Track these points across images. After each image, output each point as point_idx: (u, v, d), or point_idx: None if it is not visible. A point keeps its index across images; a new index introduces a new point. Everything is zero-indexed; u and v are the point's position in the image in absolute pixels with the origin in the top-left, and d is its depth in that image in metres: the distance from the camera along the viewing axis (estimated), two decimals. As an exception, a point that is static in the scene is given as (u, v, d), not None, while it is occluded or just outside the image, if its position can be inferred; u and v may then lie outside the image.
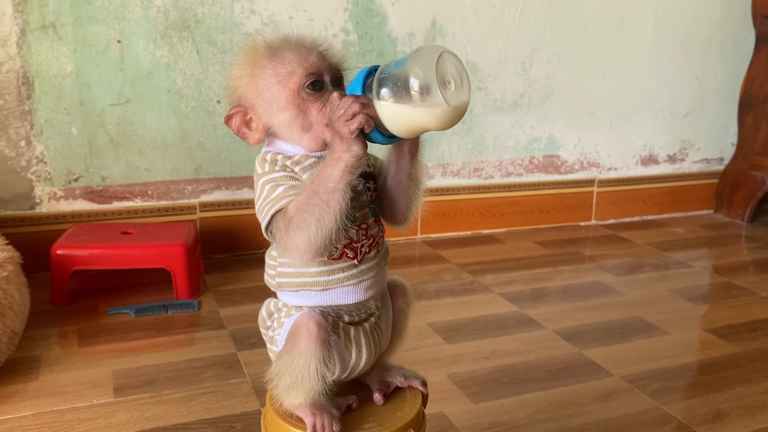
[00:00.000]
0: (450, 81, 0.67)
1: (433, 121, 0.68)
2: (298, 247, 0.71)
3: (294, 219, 0.71)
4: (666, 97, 2.52)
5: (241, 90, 0.79)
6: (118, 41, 1.80)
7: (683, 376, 1.42)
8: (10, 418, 1.19)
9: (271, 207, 0.74)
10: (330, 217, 0.70)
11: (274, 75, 0.76)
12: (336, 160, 0.70)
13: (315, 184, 0.71)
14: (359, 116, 0.68)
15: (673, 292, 1.88)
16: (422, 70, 0.66)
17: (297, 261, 0.76)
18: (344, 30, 2.01)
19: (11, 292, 1.40)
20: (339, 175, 0.70)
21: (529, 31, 2.24)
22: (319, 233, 0.70)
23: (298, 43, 0.78)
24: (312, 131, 0.77)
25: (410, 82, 0.66)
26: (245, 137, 0.80)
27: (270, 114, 0.77)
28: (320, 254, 0.73)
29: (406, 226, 0.83)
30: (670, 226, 2.53)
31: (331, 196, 0.70)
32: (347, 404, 0.82)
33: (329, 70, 0.78)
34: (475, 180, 2.31)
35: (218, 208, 2.00)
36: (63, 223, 1.83)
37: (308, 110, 0.76)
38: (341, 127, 0.68)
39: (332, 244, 0.73)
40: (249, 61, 0.78)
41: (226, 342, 1.50)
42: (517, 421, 1.23)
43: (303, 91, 0.76)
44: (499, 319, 1.66)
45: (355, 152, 0.69)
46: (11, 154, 1.77)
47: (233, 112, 0.79)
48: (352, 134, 0.68)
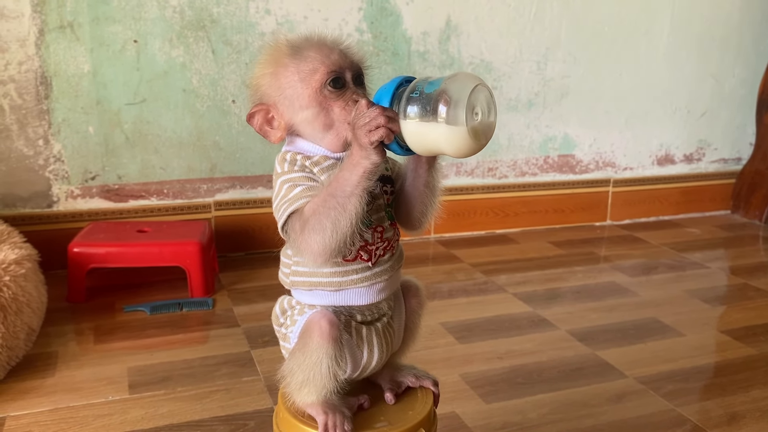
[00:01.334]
0: (478, 113, 0.68)
1: (451, 147, 0.69)
2: (312, 249, 0.72)
3: (310, 221, 0.71)
4: (683, 97, 2.50)
5: (264, 88, 0.79)
6: (134, 41, 1.81)
7: (698, 377, 1.41)
8: (27, 413, 1.21)
9: (288, 207, 0.74)
10: (346, 221, 0.70)
11: (296, 73, 0.77)
12: (354, 165, 0.70)
13: (332, 188, 0.71)
14: (382, 129, 0.68)
15: (688, 293, 1.86)
16: (454, 97, 0.67)
17: (310, 263, 0.76)
18: (359, 29, 2.01)
19: (29, 289, 1.42)
20: (356, 180, 0.70)
21: (544, 30, 2.23)
22: (334, 237, 0.70)
23: (320, 42, 0.78)
24: (334, 129, 0.77)
25: (439, 107, 0.67)
26: (267, 135, 0.80)
27: (292, 112, 0.77)
28: (334, 257, 0.73)
29: (420, 231, 0.84)
30: (686, 227, 2.51)
31: (348, 200, 0.70)
32: (359, 404, 0.82)
33: (351, 67, 0.78)
34: (489, 179, 2.30)
35: (233, 207, 2.01)
36: (80, 222, 1.85)
37: (330, 108, 0.76)
38: (363, 136, 0.69)
39: (346, 248, 0.73)
40: (271, 59, 0.79)
41: (240, 340, 1.51)
42: (530, 421, 1.23)
43: (325, 89, 0.76)
44: (512, 319, 1.66)
45: (374, 160, 0.70)
46: (29, 153, 1.80)
47: (255, 111, 0.79)
48: (372, 145, 0.69)
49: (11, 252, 1.42)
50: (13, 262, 1.39)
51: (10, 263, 1.38)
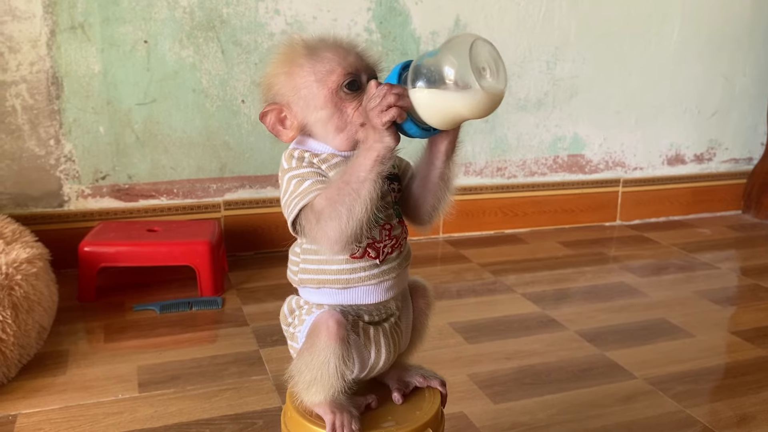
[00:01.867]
0: (485, 68, 0.67)
1: (468, 108, 0.68)
2: (329, 236, 0.72)
3: (325, 209, 0.71)
4: (693, 96, 2.49)
5: (277, 87, 0.79)
6: (144, 41, 1.82)
7: (708, 379, 1.40)
8: (39, 411, 1.22)
9: (298, 201, 0.74)
10: (361, 206, 0.70)
11: (312, 73, 0.77)
12: (368, 149, 0.70)
13: (346, 174, 0.71)
14: (393, 109, 0.68)
15: (698, 294, 1.85)
16: (456, 57, 0.66)
17: (327, 252, 0.75)
18: (367, 29, 2.02)
19: (40, 288, 1.43)
20: (370, 165, 0.70)
21: (553, 29, 2.23)
22: (350, 222, 0.70)
23: (336, 43, 0.78)
24: (346, 131, 0.77)
25: (444, 69, 0.67)
26: (279, 135, 0.80)
27: (306, 112, 0.77)
28: (350, 245, 0.73)
29: (429, 227, 0.83)
30: (696, 227, 2.49)
31: (362, 185, 0.70)
32: (366, 403, 0.82)
33: (366, 70, 0.78)
34: (498, 179, 2.30)
35: (242, 207, 2.02)
36: (90, 221, 1.87)
37: (345, 109, 0.76)
38: (374, 117, 0.69)
39: (363, 235, 0.73)
40: (286, 59, 0.79)
41: (249, 339, 1.51)
42: (538, 422, 1.23)
43: (341, 91, 0.76)
44: (521, 320, 1.65)
45: (388, 143, 0.69)
46: (41, 153, 1.81)
47: (268, 110, 0.79)
48: (384, 125, 0.69)
49: (23, 251, 1.43)
50: (25, 261, 1.40)
51: (22, 262, 1.39)
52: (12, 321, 1.28)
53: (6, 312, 1.27)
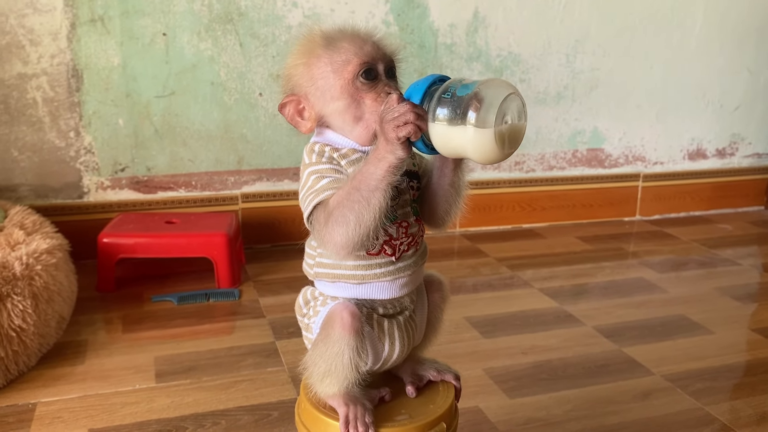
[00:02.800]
0: (507, 121, 0.68)
1: (477, 153, 0.68)
2: (335, 241, 0.72)
3: (333, 213, 0.72)
4: (716, 90, 2.45)
5: (296, 79, 0.79)
6: (163, 34, 1.83)
7: (727, 376, 1.38)
8: (58, 399, 1.23)
9: (313, 198, 0.74)
10: (369, 215, 0.70)
11: (329, 64, 0.76)
12: (379, 159, 0.70)
13: (357, 181, 0.71)
14: (410, 126, 0.68)
15: (719, 291, 1.83)
16: (486, 102, 0.66)
17: (332, 255, 0.77)
18: (385, 22, 2.01)
19: (60, 278, 1.45)
20: (381, 174, 0.70)
21: (573, 21, 2.20)
22: (357, 230, 0.70)
23: (353, 33, 0.78)
24: (364, 121, 0.77)
25: (469, 112, 0.67)
26: (297, 126, 0.80)
27: (323, 103, 0.77)
28: (357, 250, 0.74)
29: (443, 229, 0.84)
30: (717, 223, 2.46)
31: (372, 194, 0.70)
32: (380, 396, 0.82)
33: (383, 59, 0.77)
34: (516, 173, 2.29)
35: (260, 199, 2.02)
36: (109, 212, 1.88)
37: (362, 100, 0.76)
38: (390, 130, 0.69)
39: (369, 242, 0.73)
40: (305, 50, 0.79)
41: (265, 331, 1.52)
42: (554, 417, 1.22)
43: (357, 80, 0.76)
44: (537, 315, 1.64)
45: (399, 155, 0.69)
46: (61, 145, 1.83)
47: (287, 101, 0.79)
48: (399, 140, 0.68)
49: (43, 242, 1.45)
50: (45, 251, 1.42)
51: (42, 253, 1.40)
52: (32, 310, 1.30)
53: (26, 302, 1.29)
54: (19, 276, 1.30)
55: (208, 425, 1.17)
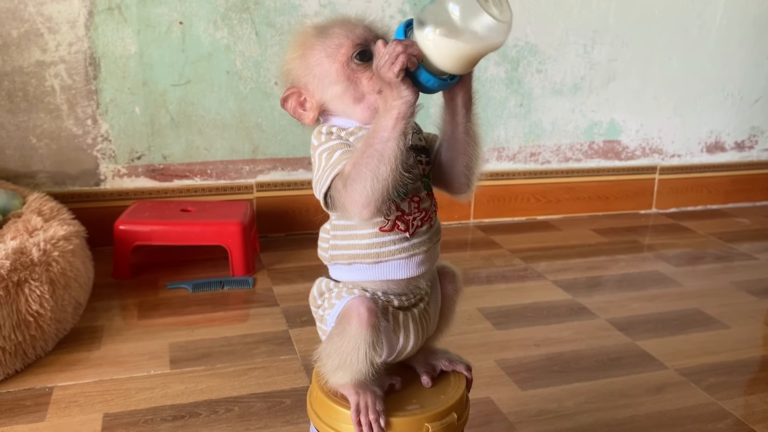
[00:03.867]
0: (484, 3, 0.66)
1: (480, 41, 0.66)
2: (355, 201, 0.71)
3: (351, 174, 0.71)
4: (735, 82, 2.41)
5: (294, 71, 0.80)
6: (180, 23, 1.84)
7: (742, 371, 1.37)
8: (74, 384, 1.25)
9: (330, 172, 0.74)
10: (385, 166, 0.69)
11: (323, 50, 0.78)
12: (387, 109, 0.70)
13: (369, 137, 0.71)
14: (401, 56, 0.67)
15: (735, 285, 1.81)
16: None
17: (357, 218, 0.74)
18: (401, 11, 2.00)
19: (77, 264, 1.46)
20: (392, 123, 0.69)
21: (591, 12, 2.18)
22: (376, 185, 0.70)
23: (343, 19, 0.79)
24: (364, 101, 0.77)
25: (449, 7, 0.66)
26: (300, 118, 0.81)
27: (322, 89, 0.78)
28: (379, 209, 0.72)
29: (469, 193, 0.82)
30: (735, 216, 2.43)
31: (386, 145, 0.69)
32: (390, 383, 0.82)
33: (376, 41, 0.77)
34: (531, 165, 2.27)
35: (274, 188, 2.03)
36: (126, 200, 1.90)
37: (359, 80, 0.77)
38: (386, 72, 0.68)
39: (390, 198, 0.72)
40: (299, 42, 0.80)
41: (279, 319, 1.53)
42: (566, 409, 1.22)
43: (352, 62, 0.76)
44: (551, 307, 1.64)
45: (406, 98, 0.69)
46: (78, 132, 1.84)
47: (288, 94, 0.81)
48: (397, 77, 0.68)
49: (60, 228, 1.46)
50: (62, 238, 1.43)
51: (59, 239, 1.42)
52: (49, 296, 1.32)
53: (44, 287, 1.31)
54: (36, 262, 1.31)
55: (221, 411, 1.18)
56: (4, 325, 1.23)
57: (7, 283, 1.24)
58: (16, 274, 1.26)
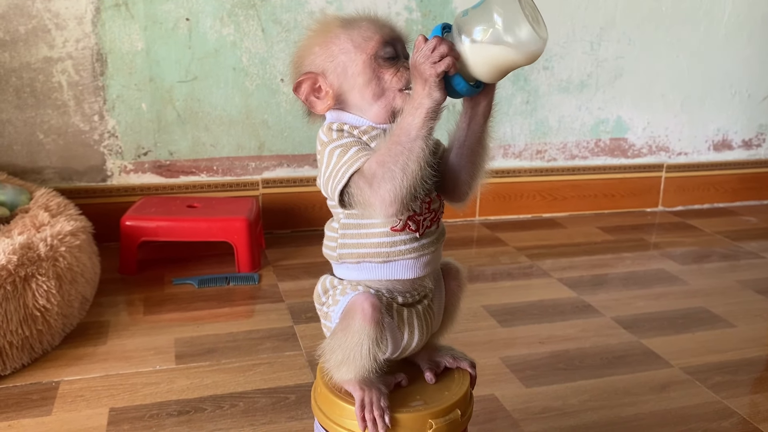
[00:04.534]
0: (528, 14, 0.67)
1: (521, 54, 0.67)
2: (384, 199, 0.71)
3: (377, 172, 0.71)
4: (744, 79, 2.40)
5: (311, 58, 0.79)
6: (186, 19, 1.84)
7: (748, 370, 1.37)
8: (80, 378, 1.26)
9: (347, 169, 0.73)
10: (414, 164, 0.69)
11: (349, 40, 0.77)
12: (416, 107, 0.69)
13: (396, 135, 0.71)
14: (447, 58, 0.67)
15: (741, 284, 1.80)
16: (503, 5, 0.66)
17: (381, 216, 0.73)
18: (407, 8, 2.00)
19: (83, 260, 1.47)
20: (420, 122, 0.69)
21: (598, 9, 2.17)
22: (405, 182, 0.70)
23: (371, 16, 0.79)
24: (384, 98, 0.77)
25: (493, 17, 0.66)
26: (313, 105, 0.80)
27: (343, 79, 0.77)
28: (405, 207, 0.72)
29: (465, 203, 0.82)
30: (742, 215, 2.42)
31: (414, 143, 0.69)
32: (396, 381, 0.83)
33: (400, 41, 0.79)
34: (537, 162, 2.27)
35: (280, 185, 2.03)
36: (132, 196, 1.91)
37: (382, 76, 0.76)
38: (428, 68, 0.68)
39: (416, 197, 0.72)
40: (321, 31, 0.79)
41: (284, 315, 1.53)
42: (570, 407, 1.22)
43: (379, 57, 0.76)
44: (556, 305, 1.64)
45: (436, 98, 0.69)
46: (85, 128, 1.85)
47: (302, 79, 0.79)
48: (438, 76, 0.68)
49: (67, 224, 1.47)
50: (69, 233, 1.44)
51: (66, 234, 1.43)
52: (56, 291, 1.32)
53: (50, 282, 1.31)
54: (43, 257, 1.32)
55: (226, 407, 1.18)
56: (11, 319, 1.24)
57: (14, 278, 1.25)
58: (23, 269, 1.27)
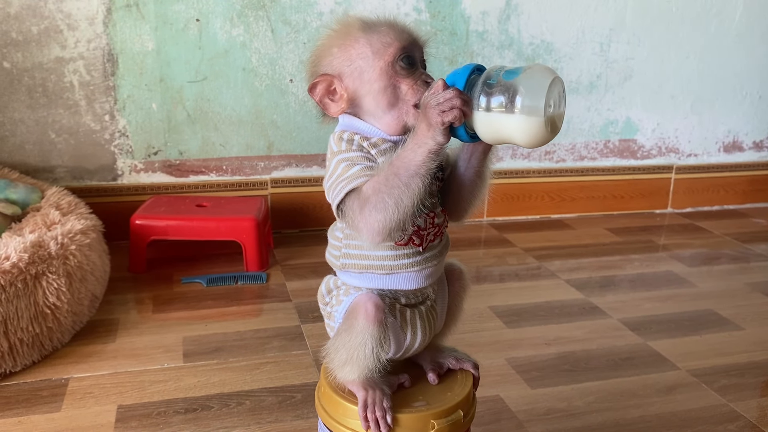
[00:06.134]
0: (551, 105, 0.68)
1: (525, 137, 0.68)
2: (371, 227, 0.72)
3: (371, 199, 0.71)
4: (755, 81, 2.39)
5: (329, 59, 0.79)
6: (196, 20, 1.85)
7: (755, 373, 1.36)
8: (90, 375, 1.27)
9: (345, 185, 0.74)
10: (408, 200, 0.70)
11: (368, 45, 0.77)
12: (419, 145, 0.70)
13: (395, 167, 0.71)
14: (456, 111, 0.68)
15: (750, 286, 1.80)
16: (533, 89, 0.67)
17: (367, 242, 0.75)
18: (416, 9, 2.00)
19: (93, 258, 1.48)
20: (421, 160, 0.70)
21: (608, 9, 2.17)
22: (396, 215, 0.71)
23: (391, 21, 0.79)
24: (397, 109, 0.77)
25: (517, 98, 0.67)
26: (327, 108, 0.80)
27: (359, 83, 0.77)
28: (392, 237, 0.74)
29: (463, 222, 0.84)
30: (752, 217, 2.41)
31: (412, 179, 0.70)
32: (399, 382, 0.83)
33: (419, 49, 0.78)
34: (546, 163, 2.27)
35: (288, 185, 2.04)
36: (142, 195, 1.92)
37: (398, 85, 0.76)
38: (435, 115, 0.69)
39: (405, 228, 0.73)
40: (341, 33, 0.79)
41: (291, 314, 1.54)
42: (575, 408, 1.22)
43: (397, 65, 0.76)
44: (563, 306, 1.64)
45: (440, 141, 0.69)
46: (96, 128, 1.87)
47: (318, 80, 0.79)
48: (443, 125, 0.68)
49: (77, 222, 1.49)
50: (79, 231, 1.45)
51: (76, 233, 1.44)
52: (66, 289, 1.34)
53: (61, 280, 1.33)
54: (54, 255, 1.33)
55: (232, 405, 1.19)
56: (21, 316, 1.25)
57: (25, 276, 1.26)
58: (34, 267, 1.28)
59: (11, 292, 1.23)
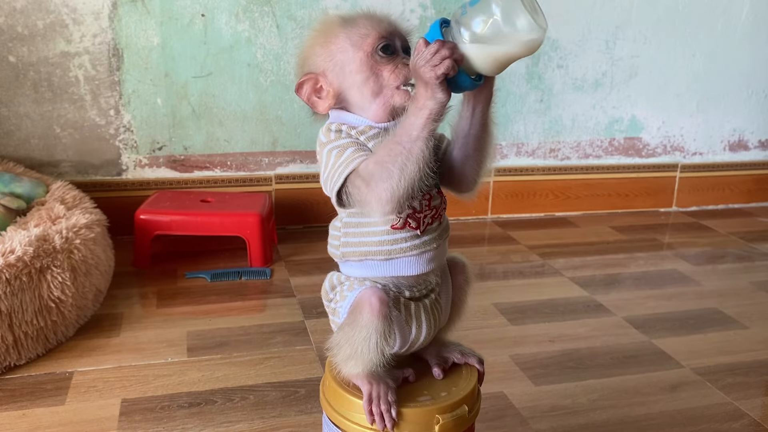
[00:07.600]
0: (526, 5, 0.67)
1: (521, 45, 0.67)
2: (380, 198, 0.71)
3: (375, 171, 0.71)
4: (761, 79, 2.38)
5: (313, 58, 0.80)
6: (202, 15, 1.85)
7: (760, 372, 1.36)
8: (94, 369, 1.28)
9: (343, 169, 0.74)
10: (413, 165, 0.70)
11: (347, 39, 0.78)
12: (419, 108, 0.69)
13: (397, 135, 0.71)
14: (447, 60, 0.67)
15: (755, 285, 1.79)
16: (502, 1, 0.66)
17: (377, 214, 0.74)
18: (422, 5, 2.00)
19: (98, 252, 1.49)
20: (422, 123, 0.69)
21: (614, 7, 2.16)
22: (402, 182, 0.70)
23: (369, 12, 0.80)
24: (382, 95, 0.77)
25: (492, 9, 0.66)
26: (315, 106, 0.81)
27: (342, 77, 0.78)
28: (401, 206, 0.73)
29: (474, 192, 0.82)
30: (757, 216, 2.40)
31: (414, 144, 0.69)
32: (404, 377, 0.83)
33: (400, 37, 0.79)
34: (550, 161, 2.26)
35: (293, 181, 2.04)
36: (147, 190, 1.92)
37: (380, 73, 0.77)
38: (427, 71, 0.68)
39: (413, 196, 0.72)
40: (322, 31, 0.80)
41: (295, 310, 1.54)
42: (579, 406, 1.22)
43: (376, 54, 0.77)
44: (567, 304, 1.63)
45: (440, 99, 0.69)
46: (101, 123, 1.87)
47: (304, 80, 0.80)
48: (438, 79, 0.68)
49: (82, 216, 1.49)
50: (84, 226, 1.46)
51: (81, 227, 1.44)
52: (71, 283, 1.34)
53: (65, 274, 1.33)
54: (59, 249, 1.34)
55: (236, 399, 1.20)
56: (26, 310, 1.25)
57: (30, 270, 1.26)
58: (38, 260, 1.28)
59: (16, 286, 1.23)
